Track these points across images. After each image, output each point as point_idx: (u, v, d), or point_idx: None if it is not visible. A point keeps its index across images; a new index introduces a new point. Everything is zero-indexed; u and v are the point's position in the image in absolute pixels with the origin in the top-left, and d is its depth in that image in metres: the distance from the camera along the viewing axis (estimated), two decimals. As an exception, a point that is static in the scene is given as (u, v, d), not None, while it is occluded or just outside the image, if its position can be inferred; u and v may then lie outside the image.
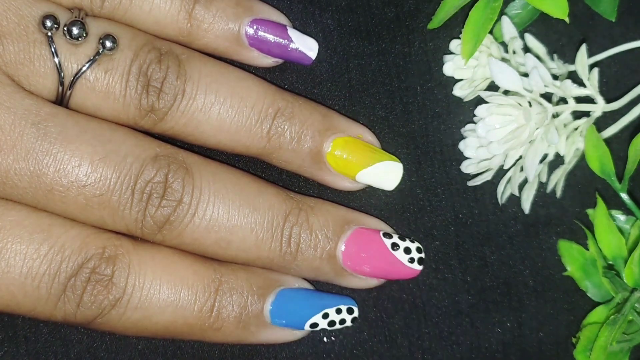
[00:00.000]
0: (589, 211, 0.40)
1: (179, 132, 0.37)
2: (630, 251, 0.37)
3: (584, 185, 0.40)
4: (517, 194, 0.39)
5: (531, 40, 0.39)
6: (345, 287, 0.39)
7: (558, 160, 0.39)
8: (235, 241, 0.36)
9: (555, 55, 0.39)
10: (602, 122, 0.39)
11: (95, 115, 0.36)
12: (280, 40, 0.38)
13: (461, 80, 0.39)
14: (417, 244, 0.38)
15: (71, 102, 0.36)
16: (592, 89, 0.38)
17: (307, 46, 0.38)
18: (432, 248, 0.40)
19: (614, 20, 0.39)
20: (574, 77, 0.38)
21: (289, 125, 0.37)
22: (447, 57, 0.39)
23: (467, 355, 0.39)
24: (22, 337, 0.38)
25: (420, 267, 0.38)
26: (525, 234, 0.40)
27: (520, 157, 0.38)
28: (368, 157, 0.38)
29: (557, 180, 0.39)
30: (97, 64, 0.35)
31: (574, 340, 0.39)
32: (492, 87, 0.39)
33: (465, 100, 0.40)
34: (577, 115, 0.39)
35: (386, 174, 0.38)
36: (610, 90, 0.40)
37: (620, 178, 0.38)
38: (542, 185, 0.39)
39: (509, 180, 0.39)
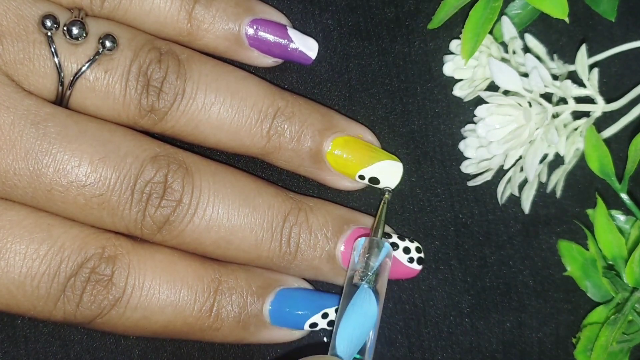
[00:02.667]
0: (589, 211, 0.40)
1: (179, 132, 0.37)
2: (630, 251, 0.37)
3: (584, 185, 0.40)
4: (517, 194, 0.39)
5: (531, 40, 0.39)
6: (345, 287, 0.39)
7: (558, 160, 0.39)
8: (235, 241, 0.36)
9: (555, 55, 0.39)
10: (602, 122, 0.39)
11: (95, 115, 0.36)
12: (281, 40, 0.38)
13: (461, 80, 0.39)
14: (416, 244, 0.38)
15: (71, 102, 0.36)
16: (592, 89, 0.38)
17: (307, 46, 0.38)
18: (432, 248, 0.40)
19: (614, 20, 0.39)
20: (574, 77, 0.38)
21: (289, 125, 0.37)
22: (447, 57, 0.39)
23: (467, 355, 0.39)
24: (22, 337, 0.38)
25: (419, 267, 0.38)
26: (525, 234, 0.40)
27: (520, 157, 0.38)
28: (368, 156, 0.38)
29: (557, 180, 0.39)
30: (97, 64, 0.36)
31: (574, 340, 0.39)
32: (492, 87, 0.39)
33: (465, 100, 0.40)
34: (577, 115, 0.39)
35: (386, 173, 0.38)
36: (610, 90, 0.40)
37: (620, 178, 0.38)
38: (542, 185, 0.39)
39: (509, 180, 0.39)
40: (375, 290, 0.36)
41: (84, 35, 0.35)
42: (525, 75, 0.37)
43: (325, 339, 0.39)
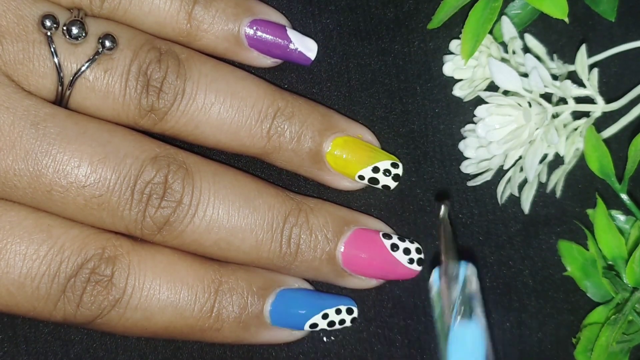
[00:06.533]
0: (589, 211, 0.40)
1: (179, 132, 0.37)
2: (631, 251, 0.37)
3: (584, 185, 0.40)
4: (517, 194, 0.39)
5: (531, 40, 0.39)
6: (345, 287, 0.39)
7: (558, 160, 0.39)
8: (235, 242, 0.36)
9: (555, 55, 0.39)
10: (602, 122, 0.39)
11: (94, 115, 0.36)
12: (280, 41, 0.38)
13: (461, 80, 0.39)
14: (416, 245, 0.38)
15: (70, 102, 0.36)
16: (591, 89, 0.38)
17: (306, 47, 0.38)
18: (432, 248, 0.39)
19: (613, 20, 0.39)
20: (573, 77, 0.38)
21: (289, 125, 0.37)
22: (447, 57, 0.39)
23: (467, 355, 0.39)
24: (22, 337, 0.38)
25: (419, 268, 0.38)
26: (525, 234, 0.40)
27: (520, 157, 0.38)
28: (367, 156, 0.38)
29: (557, 180, 0.39)
30: (97, 64, 0.35)
31: (574, 340, 0.39)
32: (492, 87, 0.39)
33: (465, 100, 0.40)
34: (577, 115, 0.39)
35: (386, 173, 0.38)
36: (610, 90, 0.40)
37: (620, 178, 0.38)
38: (542, 185, 0.39)
39: (508, 180, 0.39)
40: (471, 317, 0.33)
41: (84, 35, 0.35)
42: (525, 75, 0.37)
43: (325, 339, 0.39)
